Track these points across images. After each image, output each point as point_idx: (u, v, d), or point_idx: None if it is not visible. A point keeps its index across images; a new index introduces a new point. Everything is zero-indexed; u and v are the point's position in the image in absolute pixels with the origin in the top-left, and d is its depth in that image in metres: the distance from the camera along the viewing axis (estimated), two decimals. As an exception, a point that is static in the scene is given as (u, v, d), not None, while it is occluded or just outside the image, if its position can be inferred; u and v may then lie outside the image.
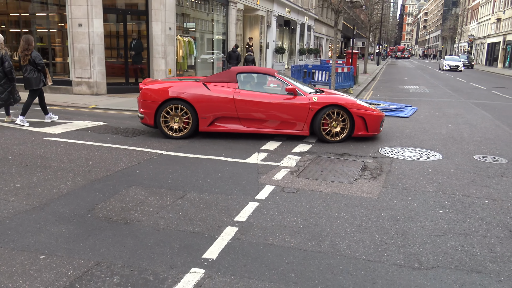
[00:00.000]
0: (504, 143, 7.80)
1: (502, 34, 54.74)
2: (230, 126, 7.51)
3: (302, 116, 7.48)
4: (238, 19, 21.00)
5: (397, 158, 6.54)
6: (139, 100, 7.65)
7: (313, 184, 5.15)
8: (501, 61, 54.64)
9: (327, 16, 43.70)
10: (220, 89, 7.52)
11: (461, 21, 76.52)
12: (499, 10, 57.43)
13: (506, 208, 4.51)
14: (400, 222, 4.09)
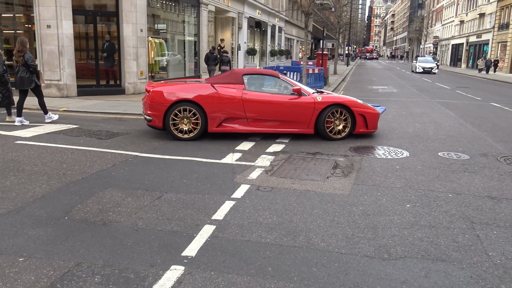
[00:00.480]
0: (467, 140, 8.19)
1: (465, 36, 56.72)
2: (238, 127, 7.66)
3: (307, 115, 7.79)
4: (209, 20, 21.05)
5: (367, 156, 6.78)
6: (147, 103, 7.58)
7: (287, 182, 5.31)
8: (465, 61, 56.61)
9: (297, 18, 44.21)
10: (228, 90, 7.64)
11: (426, 23, 78.77)
12: (462, 13, 59.48)
13: (468, 201, 4.78)
14: (370, 216, 4.29)
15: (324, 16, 44.64)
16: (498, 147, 7.64)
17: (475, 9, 52.41)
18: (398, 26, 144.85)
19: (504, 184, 5.44)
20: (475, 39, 51.87)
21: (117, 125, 8.91)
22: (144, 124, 9.16)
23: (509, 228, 4.08)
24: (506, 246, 3.71)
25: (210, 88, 7.61)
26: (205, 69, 20.56)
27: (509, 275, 3.24)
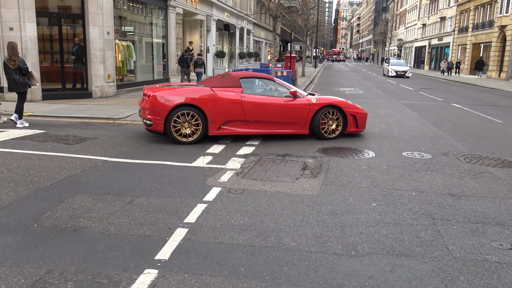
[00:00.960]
0: (429, 140, 8.52)
1: (427, 39, 58.60)
2: (238, 129, 7.86)
3: (303, 116, 8.15)
4: (177, 23, 20.95)
5: (334, 157, 6.96)
6: (146, 107, 7.53)
7: (257, 184, 5.40)
8: (427, 63, 58.49)
9: (265, 21, 44.53)
10: (227, 93, 7.79)
11: (390, 26, 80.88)
12: (424, 16, 61.43)
13: (430, 199, 5.01)
14: (338, 215, 4.43)
15: (292, 19, 45.17)
16: (458, 146, 8.00)
17: (437, 13, 54.24)
18: (363, 29, 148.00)
19: (463, 182, 5.72)
20: (437, 42, 53.68)
21: (85, 130, 8.78)
22: (113, 128, 9.07)
23: (468, 223, 4.31)
24: (465, 240, 3.93)
25: (210, 92, 7.72)
26: (174, 71, 20.47)
27: (468, 267, 3.44)
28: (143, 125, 8.10)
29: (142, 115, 7.73)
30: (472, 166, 6.58)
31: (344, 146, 7.82)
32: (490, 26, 36.97)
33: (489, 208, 4.76)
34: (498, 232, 4.12)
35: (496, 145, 8.20)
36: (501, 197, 5.13)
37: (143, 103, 7.74)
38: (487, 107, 15.06)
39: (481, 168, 6.48)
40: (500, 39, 34.94)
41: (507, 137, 9.15)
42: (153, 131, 7.74)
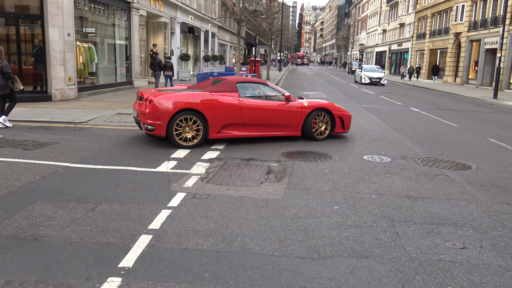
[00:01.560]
0: (389, 144, 8.81)
1: (387, 44, 60.39)
2: (236, 132, 8.12)
3: (296, 119, 8.61)
4: (141, 24, 20.67)
5: (298, 161, 7.09)
6: (148, 112, 7.50)
7: (222, 189, 5.43)
8: (388, 68, 60.23)
9: (230, 25, 44.58)
10: (225, 98, 8.01)
11: (352, 31, 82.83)
12: (384, 22, 63.26)
13: (389, 201, 5.20)
14: (301, 219, 4.53)
15: (256, 22, 45.44)
16: (416, 150, 8.31)
17: (396, 19, 55.99)
18: (327, 33, 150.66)
19: (420, 184, 5.96)
20: (397, 47, 55.40)
21: (44, 134, 8.53)
22: (74, 133, 8.86)
23: (424, 225, 4.51)
24: (421, 241, 4.11)
25: (211, 97, 7.88)
26: (138, 74, 20.19)
27: (423, 267, 3.61)
28: (140, 130, 8.10)
29: (142, 119, 7.67)
30: (429, 168, 6.86)
31: (307, 150, 7.97)
32: (446, 33, 38.51)
33: (444, 209, 4.99)
34: (451, 233, 4.33)
35: (451, 148, 8.58)
36: (454, 199, 5.39)
37: (142, 108, 7.71)
38: (443, 111, 15.69)
39: (436, 170, 6.77)
40: (455, 46, 36.49)
41: (461, 140, 9.58)
42: (153, 136, 7.84)
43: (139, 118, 7.77)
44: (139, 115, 7.76)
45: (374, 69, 33.59)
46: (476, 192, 5.68)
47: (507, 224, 4.60)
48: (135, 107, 8.12)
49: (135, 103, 8.30)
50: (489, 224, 4.59)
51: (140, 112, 7.75)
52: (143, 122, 7.66)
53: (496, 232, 4.39)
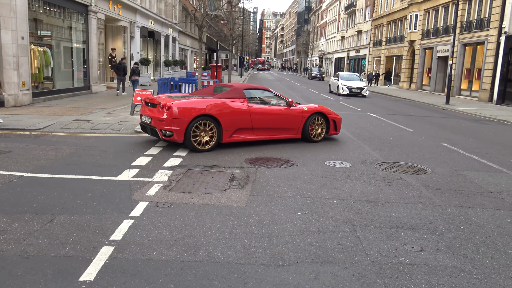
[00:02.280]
0: (348, 149, 9.02)
1: (346, 50, 61.92)
2: (245, 136, 8.64)
3: (297, 123, 9.34)
4: (99, 28, 20.20)
5: (261, 167, 7.13)
6: (166, 118, 7.79)
7: (185, 197, 5.38)
8: (346, 74, 61.70)
9: (190, 30, 44.31)
10: (236, 104, 8.52)
11: (312, 37, 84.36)
12: (342, 29, 64.88)
13: (350, 206, 5.32)
14: (265, 226, 4.56)
15: (218, 28, 45.40)
16: (375, 155, 8.56)
17: (354, 27, 57.56)
18: (287, 39, 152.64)
19: (379, 189, 6.14)
20: (355, 53, 56.89)
21: (-3, 142, 8.16)
22: (29, 140, 8.53)
23: (383, 228, 4.64)
24: (381, 244, 4.23)
25: (224, 103, 8.33)
26: (96, 79, 19.69)
27: (384, 270, 3.72)
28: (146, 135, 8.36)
29: (158, 125, 7.90)
30: (387, 173, 7.08)
31: (270, 156, 8.03)
32: (401, 40, 39.94)
33: (402, 213, 5.17)
34: (410, 236, 4.48)
35: (407, 153, 8.89)
36: (412, 202, 5.59)
37: (157, 114, 7.95)
38: (400, 116, 16.24)
39: (394, 175, 6.99)
40: (410, 53, 37.89)
41: (417, 145, 9.95)
42: (171, 142, 8.16)
43: (154, 124, 7.98)
44: (154, 121, 7.96)
45: (354, 77, 28.59)
46: (432, 196, 5.92)
47: (460, 226, 4.82)
48: (145, 113, 8.37)
49: (143, 109, 8.58)
50: (444, 227, 4.78)
51: (155, 118, 7.94)
52: (159, 128, 7.89)
53: (451, 234, 4.59)
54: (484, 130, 13.40)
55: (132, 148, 8.14)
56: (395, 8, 41.68)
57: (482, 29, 26.33)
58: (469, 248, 4.24)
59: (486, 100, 25.00)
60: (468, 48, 28.72)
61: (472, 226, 4.85)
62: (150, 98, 8.51)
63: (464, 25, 28.43)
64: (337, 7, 70.22)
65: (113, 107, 14.26)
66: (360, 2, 54.85)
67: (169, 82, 16.88)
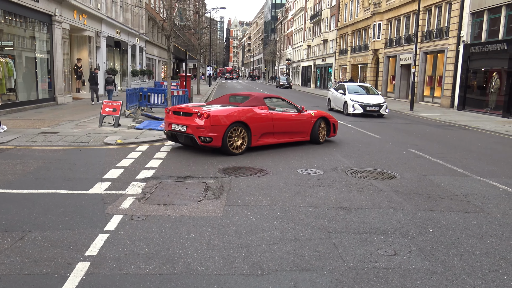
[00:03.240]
0: (320, 157, 9.17)
1: (312, 59, 62.93)
2: (269, 140, 9.70)
3: (307, 126, 10.53)
4: (64, 38, 19.78)
5: (235, 177, 7.15)
6: (206, 126, 8.58)
7: (161, 209, 5.34)
8: (313, 82, 62.70)
9: (157, 39, 43.99)
10: (261, 111, 9.53)
11: (279, 46, 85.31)
12: (308, 38, 65.98)
13: (324, 213, 5.42)
14: (243, 235, 4.58)
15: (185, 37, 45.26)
16: (345, 162, 8.74)
17: (320, 36, 58.64)
18: (254, 48, 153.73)
19: (351, 195, 6.28)
20: (321, 62, 57.92)
21: (-41, 157, 7.83)
22: (-7, 154, 8.23)
23: (358, 234, 4.75)
24: (356, 250, 4.33)
25: (252, 110, 9.32)
26: (62, 90, 19.24)
27: (360, 275, 3.80)
28: (194, 142, 8.83)
29: (196, 133, 8.64)
30: (358, 180, 7.25)
31: (243, 165, 8.06)
32: (366, 49, 41.02)
33: (375, 218, 5.30)
34: (383, 240, 4.61)
35: (376, 159, 9.12)
36: (383, 208, 5.74)
37: (193, 122, 8.68)
38: (367, 123, 16.64)
39: (365, 181, 7.16)
40: (374, 61, 38.95)
41: (385, 151, 10.23)
42: (209, 147, 8.83)
43: (191, 132, 8.69)
44: (191, 129, 8.68)
45: (365, 90, 20.66)
46: (402, 201, 6.10)
47: (430, 230, 4.99)
48: (175, 122, 9.00)
49: (171, 118, 9.20)
50: (416, 230, 4.94)
51: (192, 126, 8.67)
52: (198, 135, 8.63)
53: (422, 237, 4.74)
54: (448, 135, 13.91)
55: (102, 161, 8.00)
56: (359, 17, 42.81)
57: (442, 38, 27.42)
58: (439, 251, 4.39)
59: (447, 106, 25.97)
60: (430, 56, 29.81)
61: (441, 229, 5.03)
62: (181, 108, 9.26)
63: (425, 34, 29.52)
64: (303, 16, 71.45)
65: (80, 119, 13.96)
66: (325, 12, 56.00)
67: (138, 92, 16.70)
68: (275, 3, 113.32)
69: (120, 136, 10.72)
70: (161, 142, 10.43)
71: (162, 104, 16.92)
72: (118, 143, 9.85)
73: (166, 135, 9.50)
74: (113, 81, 20.23)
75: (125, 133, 11.30)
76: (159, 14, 41.85)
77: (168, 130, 9.24)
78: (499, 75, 21.87)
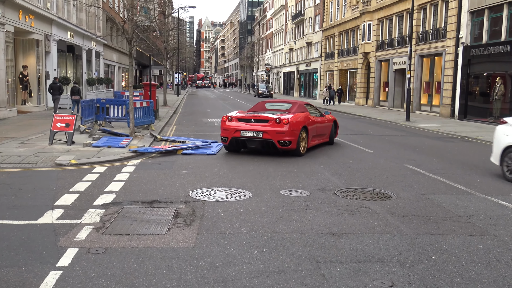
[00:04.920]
0: (305, 175, 9.25)
1: (295, 64, 63.71)
2: (313, 142, 12.56)
3: (329, 128, 13.69)
4: (7, 42, 19.55)
5: (209, 200, 7.14)
6: (286, 130, 11.10)
7: (123, 240, 5.28)
8: (297, 90, 63.36)
9: (117, 42, 43.89)
10: (310, 117, 12.46)
11: (257, 49, 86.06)
12: (290, 41, 66.83)
13: (312, 240, 5.46)
14: (219, 269, 4.57)
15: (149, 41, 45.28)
16: (334, 181, 8.84)
17: (303, 38, 59.52)
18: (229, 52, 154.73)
19: (342, 219, 6.34)
20: (305, 67, 58.71)
21: None
22: None
23: (350, 263, 4.80)
24: (349, 282, 4.37)
25: (309, 116, 12.33)
26: (4, 102, 18.96)
27: (354, 311, 3.84)
28: (273, 147, 11.36)
29: (275, 137, 11.10)
30: (349, 201, 7.33)
31: (218, 186, 8.06)
32: (355, 52, 41.79)
33: (369, 245, 5.36)
34: (379, 270, 4.66)
35: (369, 177, 9.26)
36: (378, 232, 5.82)
37: (276, 128, 11.13)
38: (358, 136, 16.89)
39: (357, 202, 7.25)
40: (365, 66, 39.70)
41: (379, 168, 10.39)
42: (289, 150, 11.38)
43: (270, 137, 11.13)
44: (270, 134, 11.12)
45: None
46: (399, 224, 6.19)
47: (431, 256, 5.08)
48: (248, 129, 11.29)
49: (240, 125, 11.43)
50: (415, 257, 5.02)
51: (271, 132, 11.11)
52: (277, 139, 11.09)
53: (422, 265, 4.82)
54: (448, 148, 14.24)
55: (54, 184, 7.89)
56: (346, 17, 43.66)
57: (439, 40, 28.20)
58: (442, 280, 4.47)
59: (447, 116, 26.59)
60: (426, 60, 30.60)
61: (443, 255, 5.12)
62: (251, 116, 11.69)
63: (420, 36, 30.33)
64: (284, 16, 72.50)
65: (27, 136, 13.75)
66: (308, 11, 56.98)
67: (95, 104, 16.57)
68: (252, 1, 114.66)
69: (75, 155, 10.60)
70: (122, 161, 10.35)
71: (123, 117, 16.82)
72: (72, 164, 9.73)
73: (228, 142, 11.61)
74: (78, 91, 21.07)
75: (80, 151, 11.18)
76: (119, 15, 41.85)
77: (234, 137, 11.44)
78: (503, 80, 22.52)
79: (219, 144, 13.13)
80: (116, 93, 27.96)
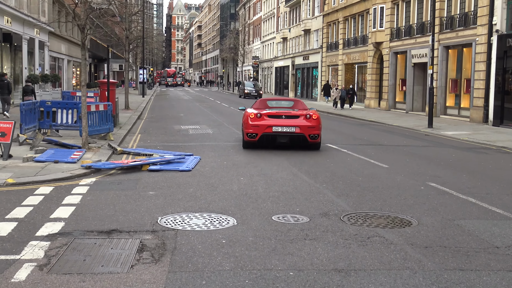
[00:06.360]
0: (304, 197, 9.27)
1: (290, 57, 64.00)
2: None
3: None
4: None
5: (182, 229, 7.11)
6: (315, 125, 15.19)
7: (73, 281, 5.23)
8: (292, 89, 63.58)
9: (66, 30, 43.78)
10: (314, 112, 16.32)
11: (242, 39, 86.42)
12: (284, 28, 67.20)
13: (313, 279, 5.45)
14: (195, 316, 4.54)
15: (107, 28, 45.22)
16: (340, 203, 8.86)
17: (299, 24, 59.86)
18: (207, 42, 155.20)
19: (350, 251, 6.35)
20: (302, 61, 58.98)
21: None
22: None
23: (361, 308, 4.79)
24: (359, 331, 4.36)
25: (317, 112, 16.21)
26: None
27: None
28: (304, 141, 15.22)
29: (307, 132, 14.96)
30: (359, 228, 7.35)
31: (194, 211, 8.04)
32: (364, 42, 42.14)
33: (384, 284, 5.37)
34: (396, 316, 4.66)
35: (383, 198, 9.30)
36: (396, 268, 5.83)
37: (304, 123, 15.06)
38: (369, 147, 17.00)
39: (369, 230, 7.27)
40: (377, 59, 39.97)
41: (395, 186, 10.45)
42: (318, 144, 15.53)
43: (302, 131, 14.93)
44: (302, 129, 14.95)
45: None
46: (421, 257, 6.21)
47: (462, 297, 5.09)
48: (280, 124, 15.07)
49: (271, 121, 15.13)
50: (441, 300, 5.03)
51: (303, 127, 14.98)
52: (308, 134, 14.94)
53: (450, 309, 4.83)
54: (481, 162, 14.36)
55: None
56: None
57: (467, 27, 28.51)
58: (475, 328, 4.48)
59: (480, 121, 26.78)
60: (452, 52, 30.93)
61: (476, 296, 5.14)
62: (284, 111, 15.86)
63: (445, 22, 30.67)
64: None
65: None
66: (306, -9, 57.40)
67: (38, 108, 16.47)
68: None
69: (12, 173, 10.53)
70: (72, 180, 10.29)
71: (73, 124, 16.76)
72: (9, 184, 9.67)
73: (258, 138, 15.05)
74: (32, 90, 21.94)
75: (19, 168, 11.10)
76: (69, -5, 41.80)
77: (265, 133, 14.94)
78: (546, 77, 22.75)
79: (195, 157, 13.13)
80: (65, 93, 27.81)
